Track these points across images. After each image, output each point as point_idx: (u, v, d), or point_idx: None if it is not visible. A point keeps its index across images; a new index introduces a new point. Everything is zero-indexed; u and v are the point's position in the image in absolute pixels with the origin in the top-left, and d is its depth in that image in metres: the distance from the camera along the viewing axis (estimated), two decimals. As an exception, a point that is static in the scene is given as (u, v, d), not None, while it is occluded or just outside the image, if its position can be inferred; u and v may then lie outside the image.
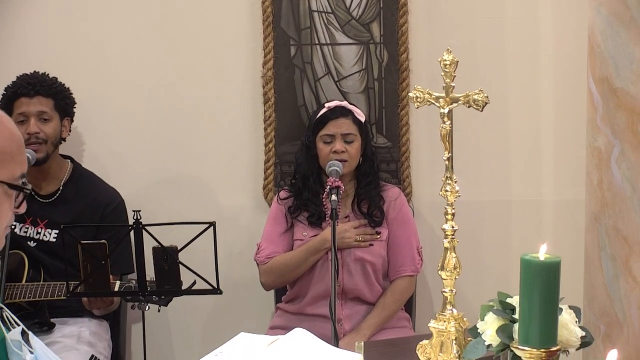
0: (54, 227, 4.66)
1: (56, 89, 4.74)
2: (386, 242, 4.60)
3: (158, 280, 4.34)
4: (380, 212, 4.59)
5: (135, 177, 5.09)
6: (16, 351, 2.23)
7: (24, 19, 5.06)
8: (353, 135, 4.55)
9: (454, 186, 3.15)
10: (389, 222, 4.61)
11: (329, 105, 4.62)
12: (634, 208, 4.57)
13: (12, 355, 2.23)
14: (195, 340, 4.99)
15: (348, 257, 4.51)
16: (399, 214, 4.63)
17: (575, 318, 2.90)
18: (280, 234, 4.63)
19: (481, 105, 3.15)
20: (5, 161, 2.20)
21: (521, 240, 5.00)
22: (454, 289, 3.17)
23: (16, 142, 2.23)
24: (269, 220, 4.69)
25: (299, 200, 4.61)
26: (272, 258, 4.59)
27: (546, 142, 5.05)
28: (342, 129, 4.54)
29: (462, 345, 3.09)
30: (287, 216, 4.63)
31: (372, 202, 4.59)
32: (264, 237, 4.66)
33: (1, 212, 2.21)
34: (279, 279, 4.65)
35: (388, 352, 3.61)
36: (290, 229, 4.63)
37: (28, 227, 4.69)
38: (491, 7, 4.99)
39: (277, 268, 4.59)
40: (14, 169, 2.22)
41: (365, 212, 4.59)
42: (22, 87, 4.67)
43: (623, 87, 4.54)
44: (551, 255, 2.68)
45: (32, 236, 4.69)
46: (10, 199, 2.22)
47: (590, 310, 4.66)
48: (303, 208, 4.61)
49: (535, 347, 2.69)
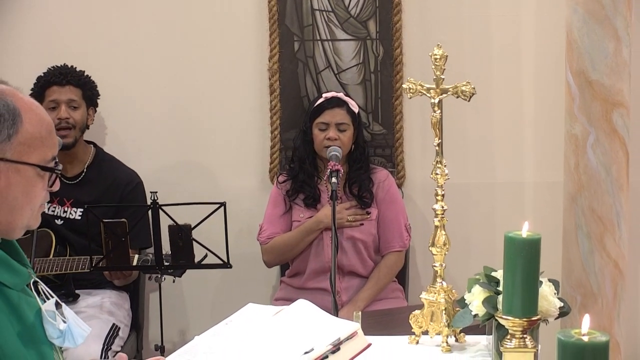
0: (79, 206, 4.67)
1: (85, 80, 4.77)
2: (376, 221, 4.61)
3: (173, 255, 4.35)
4: (369, 194, 4.59)
5: (152, 161, 5.08)
6: (51, 321, 2.23)
7: (54, 16, 5.06)
8: (346, 125, 4.54)
9: (443, 170, 3.15)
10: (378, 202, 4.62)
11: (326, 95, 4.62)
12: (608, 190, 4.58)
13: (47, 325, 2.24)
14: (207, 310, 5.00)
15: (340, 236, 4.48)
16: (387, 195, 4.63)
17: (554, 290, 2.90)
18: (279, 215, 4.64)
19: (468, 95, 3.15)
20: (36, 146, 2.19)
21: (505, 219, 5.00)
22: (443, 264, 3.17)
23: (46, 127, 2.23)
24: (269, 203, 4.70)
25: (296, 183, 4.61)
26: (272, 239, 4.61)
27: (527, 129, 5.04)
28: (336, 119, 4.54)
29: (451, 314, 3.09)
30: (285, 199, 4.64)
31: (362, 185, 4.59)
32: (265, 219, 4.67)
33: (35, 192, 2.21)
34: (279, 258, 4.67)
35: (383, 321, 3.61)
36: (288, 211, 4.64)
37: (55, 207, 4.69)
38: (477, 6, 4.98)
39: (277, 248, 4.61)
40: (45, 153, 2.22)
41: (356, 194, 4.59)
42: (55, 76, 4.70)
43: (598, 80, 4.53)
44: (532, 232, 2.68)
45: (60, 215, 4.70)
46: (43, 180, 2.22)
47: (568, 283, 4.66)
48: (299, 190, 4.61)
49: (518, 317, 2.69)
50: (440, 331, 3.10)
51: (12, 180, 2.16)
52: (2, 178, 2.15)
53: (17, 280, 2.20)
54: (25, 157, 2.17)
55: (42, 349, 2.22)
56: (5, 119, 2.14)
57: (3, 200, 2.16)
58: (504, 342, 2.76)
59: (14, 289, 2.19)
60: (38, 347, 2.21)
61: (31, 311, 2.22)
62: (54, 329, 2.24)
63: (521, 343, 2.74)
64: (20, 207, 2.19)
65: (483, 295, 2.92)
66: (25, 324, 2.19)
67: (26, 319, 2.20)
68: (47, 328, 2.23)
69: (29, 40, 5.07)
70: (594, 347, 1.89)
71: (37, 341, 2.21)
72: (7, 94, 2.18)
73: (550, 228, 4.61)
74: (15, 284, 2.19)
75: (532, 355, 2.75)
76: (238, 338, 2.73)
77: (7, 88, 2.21)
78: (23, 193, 2.19)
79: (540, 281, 2.78)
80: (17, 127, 2.16)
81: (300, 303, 2.84)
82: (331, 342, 2.59)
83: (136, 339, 4.91)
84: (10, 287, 2.18)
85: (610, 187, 4.57)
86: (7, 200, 2.17)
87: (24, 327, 2.18)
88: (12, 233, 2.23)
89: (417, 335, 3.15)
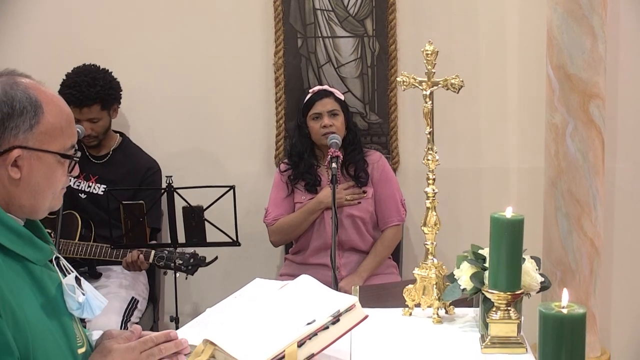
0: (102, 183, 4.69)
1: (101, 93, 4.63)
2: (373, 199, 4.61)
3: (187, 234, 4.35)
4: (365, 174, 4.60)
5: (167, 148, 5.08)
6: (70, 294, 2.24)
7: (79, 16, 5.06)
8: (337, 110, 4.56)
9: (434, 156, 3.14)
10: (374, 182, 4.62)
11: (313, 89, 4.66)
12: (585, 175, 4.57)
13: (67, 297, 2.24)
14: (218, 284, 5.00)
15: (340, 214, 4.49)
16: (382, 174, 4.64)
17: (535, 266, 2.89)
18: (283, 198, 4.64)
19: (457, 88, 3.14)
20: (56, 135, 2.21)
21: (491, 201, 4.99)
22: (434, 242, 3.16)
23: (65, 118, 2.24)
24: (273, 188, 4.70)
25: (297, 172, 4.62)
26: (277, 220, 4.61)
27: (511, 119, 5.03)
28: (327, 107, 4.55)
29: (442, 289, 3.08)
30: (287, 184, 4.64)
31: (357, 166, 4.60)
32: (270, 202, 4.68)
33: (56, 177, 2.23)
34: (285, 237, 4.67)
35: (379, 295, 3.61)
36: (291, 194, 4.64)
37: (81, 182, 4.70)
38: (466, 6, 4.97)
39: (283, 228, 4.61)
40: (64, 142, 2.23)
41: (352, 174, 4.60)
42: (71, 96, 4.52)
43: (576, 73, 4.52)
44: (516, 213, 2.68)
45: (84, 189, 4.71)
46: (63, 166, 2.23)
47: (548, 260, 4.66)
48: (300, 178, 4.61)
49: (503, 291, 2.70)
50: (432, 304, 3.09)
51: (34, 167, 2.18)
52: (25, 165, 2.17)
53: (40, 256, 2.21)
54: (46, 145, 2.19)
55: (62, 320, 2.22)
56: (28, 110, 2.16)
57: (26, 185, 2.18)
58: (490, 314, 2.76)
59: (37, 264, 2.20)
60: (59, 317, 2.22)
61: (53, 285, 2.23)
62: (74, 301, 2.24)
63: (506, 315, 2.75)
64: (43, 191, 2.21)
65: (471, 271, 2.92)
66: (48, 297, 2.20)
67: (48, 291, 2.21)
68: (67, 300, 2.24)
69: (49, 36, 5.06)
70: (572, 318, 1.89)
71: (58, 312, 2.22)
72: (30, 87, 2.19)
73: (532, 209, 4.61)
74: (39, 259, 2.21)
75: (515, 325, 2.76)
76: (246, 310, 2.73)
77: (30, 81, 2.22)
78: (45, 178, 2.20)
79: (523, 258, 2.78)
80: (38, 118, 2.17)
81: (303, 278, 2.84)
82: (331, 314, 2.59)
83: (153, 311, 4.92)
84: (34, 262, 2.19)
85: (587, 172, 4.57)
86: (30, 185, 2.18)
87: (46, 299, 2.19)
88: (36, 214, 2.24)
89: (410, 308, 3.14)
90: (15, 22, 5.05)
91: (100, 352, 2.26)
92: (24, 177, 2.17)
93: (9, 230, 2.15)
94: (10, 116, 2.15)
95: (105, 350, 2.25)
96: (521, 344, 2.76)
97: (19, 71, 2.24)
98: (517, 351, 2.75)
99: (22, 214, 2.22)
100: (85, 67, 4.72)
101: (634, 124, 4.97)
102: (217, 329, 2.64)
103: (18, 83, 2.19)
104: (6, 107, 2.14)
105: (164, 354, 2.30)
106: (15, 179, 2.16)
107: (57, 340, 2.18)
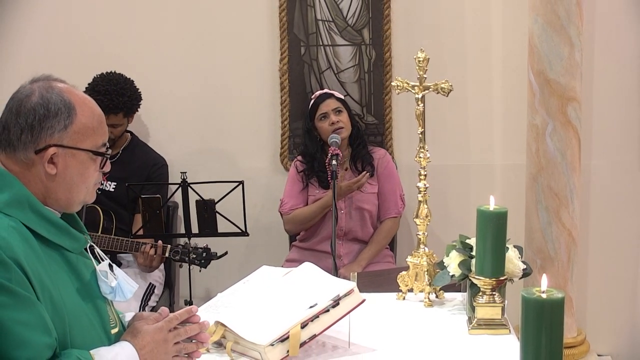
0: (113, 180, 4.66)
1: (127, 103, 4.62)
2: (377, 193, 4.63)
3: (200, 225, 4.35)
4: (371, 167, 4.60)
5: (181, 146, 5.08)
6: (104, 279, 2.26)
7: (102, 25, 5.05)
8: (340, 107, 4.58)
9: (426, 154, 3.13)
10: (378, 177, 4.64)
11: (315, 95, 4.67)
12: (563, 171, 4.57)
13: (100, 282, 2.26)
14: (228, 271, 4.98)
15: (350, 206, 4.56)
16: (385, 170, 4.65)
17: (518, 255, 2.89)
18: (299, 191, 4.64)
19: (447, 92, 3.14)
20: (89, 134, 2.22)
21: (477, 195, 4.98)
22: (426, 232, 3.16)
23: (97, 118, 2.26)
24: (289, 181, 4.69)
25: (311, 170, 4.61)
26: (294, 210, 4.61)
27: (496, 120, 5.03)
28: (331, 106, 4.55)
29: (432, 275, 3.08)
30: (302, 178, 4.64)
31: (364, 160, 4.62)
32: (286, 193, 4.67)
33: (89, 173, 2.24)
34: (299, 226, 4.66)
35: (376, 281, 3.61)
36: (305, 188, 4.64)
37: None
38: (454, 17, 4.96)
39: (299, 218, 4.61)
40: (96, 140, 2.24)
41: (361, 168, 4.60)
42: (100, 102, 4.37)
43: (555, 79, 4.52)
44: (500, 206, 2.68)
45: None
46: (95, 163, 2.24)
47: (530, 249, 4.65)
48: (314, 175, 4.61)
49: (488, 277, 2.70)
50: (423, 289, 3.09)
51: (69, 163, 2.19)
52: (61, 162, 2.17)
53: (76, 245, 2.22)
54: (79, 143, 2.20)
55: (96, 303, 2.24)
56: (62, 112, 2.17)
57: (62, 180, 2.19)
58: (476, 298, 2.76)
59: (73, 252, 2.22)
60: (94, 300, 2.23)
61: (87, 271, 2.25)
62: (107, 285, 2.26)
63: (491, 299, 2.75)
64: (77, 185, 2.22)
65: (459, 258, 2.91)
66: (83, 282, 2.21)
67: (83, 277, 2.22)
68: (101, 285, 2.26)
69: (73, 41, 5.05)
70: (551, 302, 1.90)
71: (93, 296, 2.24)
72: (64, 91, 2.20)
73: (515, 203, 4.60)
74: (74, 248, 2.22)
75: (500, 309, 2.76)
76: (253, 295, 2.73)
77: (64, 85, 2.23)
78: (78, 174, 2.21)
79: (506, 247, 2.78)
80: (72, 119, 2.18)
81: (306, 265, 2.84)
82: (332, 298, 2.59)
83: (169, 295, 4.92)
84: (70, 250, 2.20)
85: (565, 169, 4.57)
86: (65, 181, 2.19)
87: (81, 284, 2.21)
88: (71, 207, 2.25)
89: (404, 293, 3.14)
90: (43, 24, 5.05)
91: (131, 332, 2.26)
92: (59, 173, 2.18)
93: (47, 222, 2.16)
94: (46, 117, 2.16)
95: (135, 331, 2.26)
96: (505, 325, 2.76)
97: (55, 76, 2.25)
98: (501, 332, 2.75)
99: (59, 207, 2.22)
100: (112, 75, 4.67)
101: (608, 125, 4.97)
102: (227, 312, 2.64)
103: (53, 87, 2.20)
104: (42, 109, 2.16)
105: (190, 334, 2.31)
106: (51, 174, 2.17)
107: (91, 321, 2.20)
